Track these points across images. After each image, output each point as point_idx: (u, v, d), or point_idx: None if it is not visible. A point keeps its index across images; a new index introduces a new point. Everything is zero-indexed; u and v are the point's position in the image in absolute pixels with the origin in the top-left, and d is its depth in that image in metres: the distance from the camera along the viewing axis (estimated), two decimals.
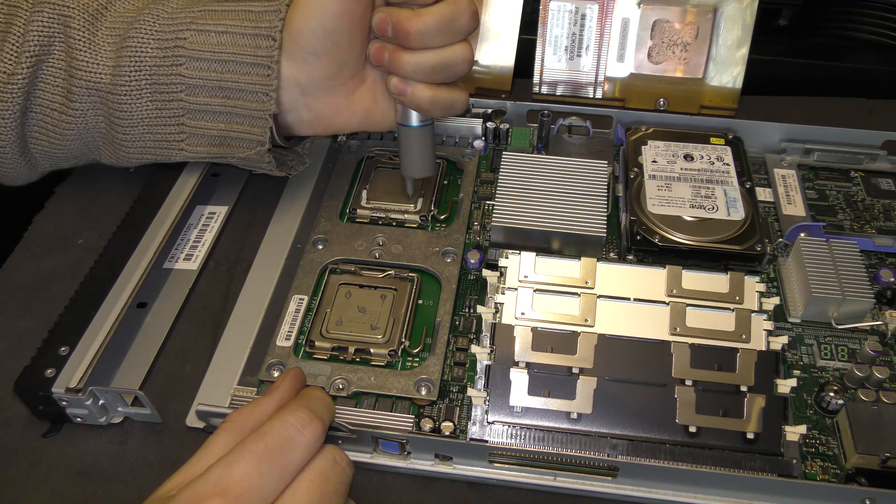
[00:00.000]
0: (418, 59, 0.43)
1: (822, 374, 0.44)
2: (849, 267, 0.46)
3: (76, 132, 0.48)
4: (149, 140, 0.48)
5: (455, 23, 0.42)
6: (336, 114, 0.47)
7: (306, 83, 0.46)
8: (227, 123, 0.47)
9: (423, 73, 0.43)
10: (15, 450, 0.42)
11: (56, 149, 0.49)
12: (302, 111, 0.47)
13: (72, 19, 0.46)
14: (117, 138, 0.48)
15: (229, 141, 0.47)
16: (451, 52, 0.43)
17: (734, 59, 0.59)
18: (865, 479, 0.39)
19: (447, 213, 0.53)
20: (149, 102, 0.46)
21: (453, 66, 0.43)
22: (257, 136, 0.47)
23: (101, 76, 0.46)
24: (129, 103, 0.46)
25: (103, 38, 0.46)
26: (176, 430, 0.43)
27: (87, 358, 0.42)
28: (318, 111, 0.47)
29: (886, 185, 0.55)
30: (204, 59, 0.45)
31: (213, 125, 0.47)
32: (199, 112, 0.47)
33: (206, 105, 0.46)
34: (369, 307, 0.46)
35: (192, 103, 0.46)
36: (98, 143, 0.49)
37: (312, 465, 0.34)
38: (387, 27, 0.43)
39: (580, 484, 0.40)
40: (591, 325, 0.43)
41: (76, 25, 0.46)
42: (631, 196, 0.51)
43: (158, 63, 0.46)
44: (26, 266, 0.51)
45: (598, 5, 0.59)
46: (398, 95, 0.44)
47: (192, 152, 0.48)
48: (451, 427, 0.41)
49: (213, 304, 0.49)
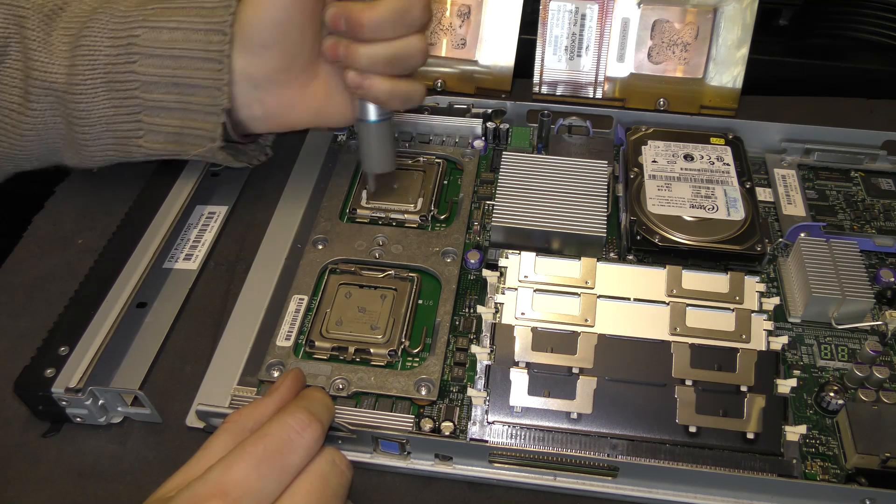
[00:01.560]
0: (374, 51, 0.44)
1: (823, 374, 0.44)
2: (849, 267, 0.46)
3: (35, 133, 0.48)
4: (108, 138, 0.48)
5: (408, 14, 0.43)
6: (289, 109, 0.48)
7: (258, 77, 0.46)
8: (182, 120, 0.47)
9: (379, 65, 0.44)
10: (15, 450, 0.42)
11: (16, 150, 0.48)
12: (255, 107, 0.47)
13: (27, 20, 0.46)
14: (77, 138, 0.48)
15: (184, 138, 0.48)
16: (405, 43, 0.44)
17: (734, 59, 0.59)
18: (865, 479, 0.39)
19: (447, 213, 0.53)
20: (105, 101, 0.46)
21: (408, 58, 0.44)
22: (209, 132, 0.47)
23: (57, 76, 0.46)
24: (86, 102, 0.46)
25: (58, 38, 0.46)
26: (176, 430, 0.43)
27: (86, 358, 0.42)
28: (271, 106, 0.47)
29: (886, 185, 0.55)
30: (157, 56, 0.45)
31: (168, 122, 0.47)
32: (155, 108, 0.47)
33: (161, 101, 0.46)
34: (369, 307, 0.46)
35: (147, 100, 0.46)
36: (58, 144, 0.49)
37: (312, 467, 0.34)
38: (340, 21, 0.43)
39: (580, 484, 0.40)
40: (591, 325, 0.43)
41: (31, 26, 0.46)
42: (631, 196, 0.51)
43: (112, 61, 0.46)
44: (26, 266, 0.51)
45: (598, 5, 0.59)
46: (356, 88, 0.45)
47: (150, 149, 0.48)
48: (451, 427, 0.41)
49: (213, 304, 0.49)
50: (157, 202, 0.51)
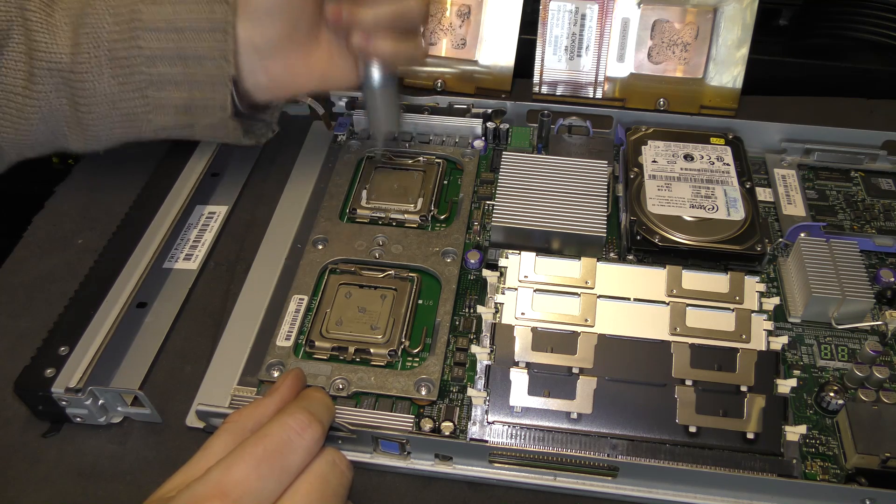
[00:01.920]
0: (376, 12, 0.45)
1: (822, 374, 0.44)
2: (849, 267, 0.46)
3: (41, 116, 0.47)
4: (115, 116, 0.48)
5: None
6: (294, 76, 0.48)
7: (262, 44, 0.46)
8: (189, 92, 0.47)
9: (383, 23, 0.46)
10: (15, 450, 0.42)
11: (21, 135, 0.48)
12: (259, 75, 0.48)
13: (28, 1, 0.46)
14: (83, 119, 0.47)
15: (193, 109, 0.48)
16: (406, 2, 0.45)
17: (734, 59, 0.59)
18: (865, 479, 0.39)
19: (447, 213, 0.53)
20: (110, 78, 0.46)
21: (410, 15, 0.46)
22: (219, 101, 0.47)
23: (61, 56, 0.46)
24: (91, 81, 0.46)
25: (60, 18, 0.46)
26: (176, 430, 0.43)
27: (86, 358, 0.42)
28: (276, 74, 0.48)
29: (886, 185, 0.55)
30: (161, 30, 0.46)
31: (176, 94, 0.47)
32: (162, 83, 0.47)
33: (168, 75, 0.46)
34: (369, 307, 0.46)
35: (153, 75, 0.46)
36: (63, 128, 0.48)
37: (312, 467, 0.34)
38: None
39: (580, 484, 0.40)
40: (591, 325, 0.43)
41: (33, 7, 0.46)
42: (631, 196, 0.51)
43: (116, 38, 0.46)
44: (26, 266, 0.51)
45: (598, 5, 0.59)
46: (362, 50, 0.46)
47: (159, 124, 0.48)
48: (451, 427, 0.41)
49: (213, 304, 0.49)
50: (157, 202, 0.51)
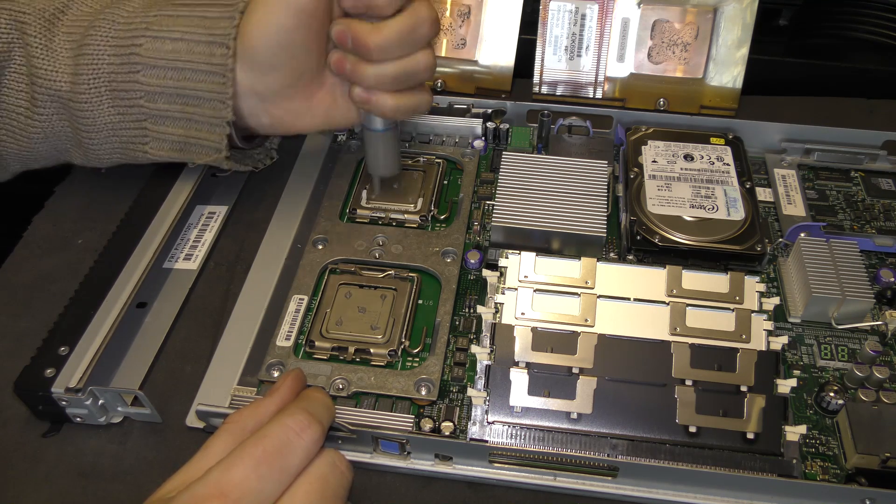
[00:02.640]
0: (380, 71, 0.43)
1: (822, 374, 0.44)
2: (849, 267, 0.46)
3: (43, 135, 0.48)
4: (115, 143, 0.48)
5: (416, 33, 0.42)
6: (296, 118, 0.47)
7: (264, 92, 0.45)
8: (186, 130, 0.46)
9: (386, 84, 0.43)
10: (15, 450, 0.42)
11: (25, 150, 0.48)
12: (262, 117, 0.47)
13: (28, 25, 0.45)
14: (84, 141, 0.48)
15: (189, 147, 0.47)
16: (413, 60, 0.43)
17: (734, 59, 0.59)
18: (865, 479, 0.39)
19: (447, 213, 0.53)
20: (110, 108, 0.46)
21: (416, 74, 0.43)
22: (215, 143, 0.46)
23: (61, 84, 0.46)
24: (91, 110, 0.46)
25: (60, 43, 0.46)
26: (176, 430, 0.43)
27: (86, 358, 0.42)
28: (279, 116, 0.47)
29: (886, 185, 0.55)
30: (160, 67, 0.45)
31: (173, 130, 0.47)
32: (160, 118, 0.46)
33: (166, 111, 0.46)
34: (369, 307, 0.46)
35: (152, 109, 0.46)
36: (66, 145, 0.49)
37: (311, 468, 0.34)
38: (346, 40, 0.42)
39: (580, 484, 0.40)
40: (591, 325, 0.43)
41: (33, 32, 0.45)
42: (631, 196, 0.51)
43: (116, 70, 0.45)
44: (26, 266, 0.51)
45: (598, 5, 0.59)
46: (362, 104, 0.45)
47: (156, 155, 0.48)
48: (451, 427, 0.41)
49: (213, 304, 0.49)
50: (157, 202, 0.51)
